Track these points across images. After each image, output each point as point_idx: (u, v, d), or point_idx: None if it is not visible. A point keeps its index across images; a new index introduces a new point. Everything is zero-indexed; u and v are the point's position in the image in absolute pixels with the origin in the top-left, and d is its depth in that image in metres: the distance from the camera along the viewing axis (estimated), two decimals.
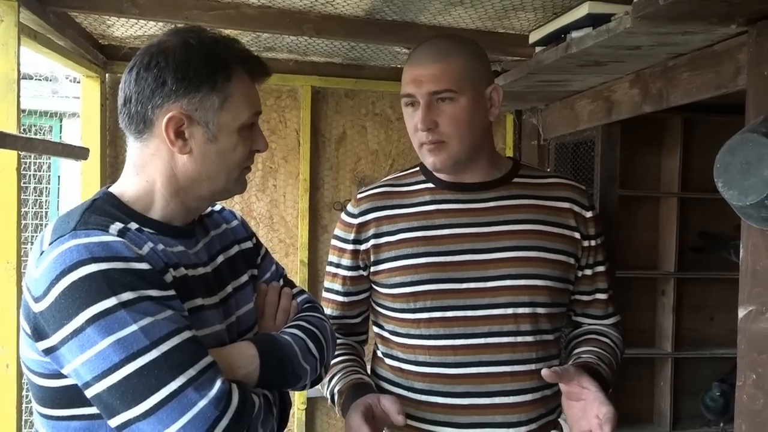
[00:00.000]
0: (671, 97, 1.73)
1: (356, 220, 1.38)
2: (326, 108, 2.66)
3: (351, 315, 1.43)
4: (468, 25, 1.97)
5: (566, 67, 1.83)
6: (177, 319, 0.88)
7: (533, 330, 1.30)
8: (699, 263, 2.86)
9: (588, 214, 1.38)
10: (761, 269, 1.32)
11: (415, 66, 1.28)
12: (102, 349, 0.83)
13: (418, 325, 1.31)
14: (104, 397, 0.84)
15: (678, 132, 2.77)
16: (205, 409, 0.84)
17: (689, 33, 1.43)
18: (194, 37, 0.97)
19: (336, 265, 1.41)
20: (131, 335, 0.83)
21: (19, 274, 1.64)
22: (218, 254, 1.09)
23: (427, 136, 1.27)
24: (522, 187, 1.37)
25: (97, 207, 0.95)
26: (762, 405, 1.31)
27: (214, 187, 1.02)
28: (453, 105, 1.26)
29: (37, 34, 1.77)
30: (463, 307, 1.29)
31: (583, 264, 1.38)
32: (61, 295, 0.84)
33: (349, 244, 1.38)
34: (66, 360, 0.85)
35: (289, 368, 1.02)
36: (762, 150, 1.19)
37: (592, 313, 1.42)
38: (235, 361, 0.96)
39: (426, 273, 1.31)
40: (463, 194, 1.35)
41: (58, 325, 0.84)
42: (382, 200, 1.38)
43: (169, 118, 0.94)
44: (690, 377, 2.88)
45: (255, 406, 0.92)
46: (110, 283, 0.84)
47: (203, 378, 0.86)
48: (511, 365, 1.29)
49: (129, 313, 0.84)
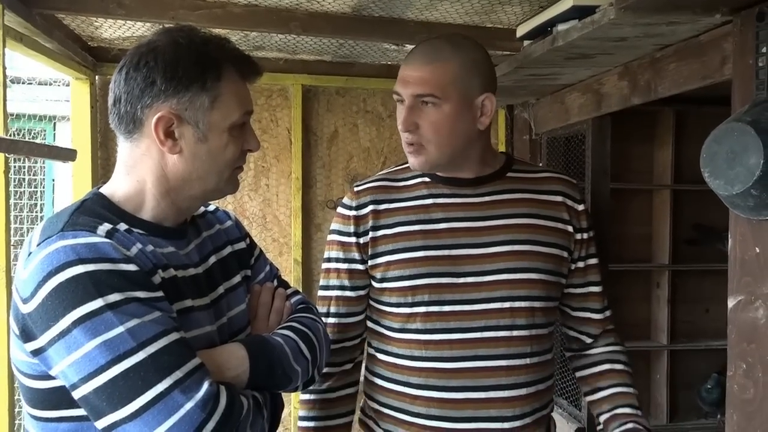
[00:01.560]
0: (659, 88, 1.73)
1: (355, 213, 1.37)
2: (317, 106, 2.66)
3: (356, 312, 1.40)
4: (455, 20, 1.96)
5: (554, 60, 1.82)
6: (164, 320, 0.88)
7: (528, 324, 1.31)
8: (693, 255, 2.86)
9: (580, 207, 1.40)
10: (749, 259, 1.32)
11: (406, 65, 1.29)
12: (88, 351, 0.83)
13: (414, 320, 1.31)
14: (91, 399, 0.84)
15: (670, 124, 2.78)
16: (192, 412, 0.84)
17: (674, 23, 1.43)
18: (184, 37, 0.98)
19: (338, 260, 1.39)
20: (117, 337, 0.83)
21: (9, 277, 1.64)
22: (210, 255, 1.09)
23: (407, 136, 1.28)
24: (516, 182, 1.38)
25: (87, 208, 0.95)
26: (752, 394, 1.31)
27: (205, 187, 1.01)
28: (436, 110, 1.25)
29: (23, 36, 1.77)
30: (460, 301, 1.30)
31: (576, 257, 1.39)
32: (48, 296, 0.84)
33: (351, 236, 1.36)
34: (53, 361, 0.85)
35: (279, 370, 1.02)
36: (747, 139, 1.18)
37: (591, 306, 1.44)
38: (224, 363, 0.96)
39: (424, 267, 1.31)
40: (459, 189, 1.35)
41: (45, 326, 0.85)
42: (379, 193, 1.38)
43: (159, 117, 0.94)
44: (686, 369, 2.88)
45: (243, 408, 0.92)
46: (97, 284, 0.84)
47: (190, 380, 0.86)
48: (506, 359, 1.30)
49: (115, 314, 0.84)
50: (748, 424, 1.32)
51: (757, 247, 1.30)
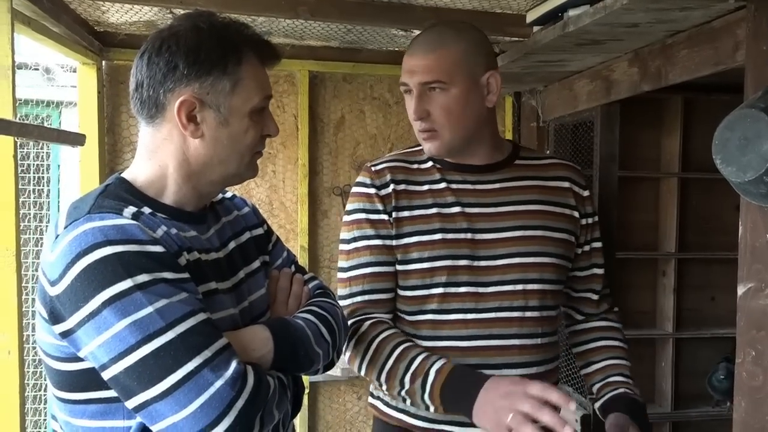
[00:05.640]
0: (670, 75, 1.72)
1: (377, 191, 1.35)
2: (324, 92, 2.65)
3: (390, 288, 1.35)
4: (464, 5, 1.95)
5: (564, 46, 1.81)
6: (192, 301, 0.89)
7: (540, 306, 1.35)
8: (700, 244, 2.85)
9: (585, 193, 1.44)
10: (760, 246, 1.32)
11: (410, 56, 1.31)
12: (118, 331, 0.83)
13: (431, 301, 1.33)
14: (121, 379, 0.85)
15: (678, 111, 2.76)
16: (222, 390, 0.85)
17: (687, 9, 1.42)
18: (205, 22, 0.98)
19: (369, 237, 1.34)
20: (147, 317, 0.84)
21: (19, 261, 1.64)
22: (230, 240, 1.09)
23: (420, 124, 1.31)
24: (524, 169, 1.40)
25: (111, 192, 0.96)
26: (761, 381, 1.31)
27: (226, 171, 1.02)
28: (444, 95, 1.28)
29: (31, 20, 1.76)
30: (475, 283, 1.33)
31: (582, 241, 1.43)
32: (77, 277, 0.84)
33: (381, 214, 1.34)
34: (83, 343, 0.86)
35: (302, 351, 1.03)
36: (760, 125, 1.18)
37: (593, 287, 1.48)
38: (249, 344, 0.96)
39: (443, 249, 1.32)
40: (470, 175, 1.38)
41: (74, 307, 0.85)
42: (397, 173, 1.38)
43: (181, 102, 0.95)
44: (691, 357, 2.89)
45: (270, 387, 0.93)
46: (125, 265, 0.85)
47: (219, 359, 0.86)
48: (519, 339, 1.34)
49: (144, 295, 0.85)
50: (756, 410, 1.33)
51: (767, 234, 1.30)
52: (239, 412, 0.86)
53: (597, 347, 1.47)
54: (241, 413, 0.86)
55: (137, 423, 0.88)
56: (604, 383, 1.42)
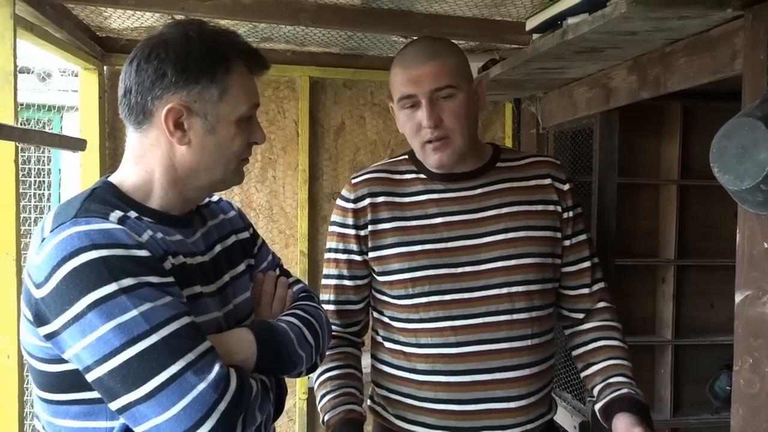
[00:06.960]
0: (668, 83, 1.73)
1: (353, 205, 1.41)
2: (324, 98, 2.66)
3: (354, 300, 1.44)
4: (464, 12, 1.96)
5: (563, 54, 1.82)
6: (176, 305, 0.90)
7: (528, 307, 1.36)
8: (699, 251, 2.85)
9: (565, 187, 1.44)
10: (757, 254, 1.32)
11: (410, 67, 1.32)
12: (103, 334, 0.84)
13: (417, 310, 1.35)
14: (105, 381, 0.85)
15: (677, 119, 2.76)
16: (204, 392, 0.86)
17: (685, 18, 1.43)
18: (195, 30, 0.99)
19: (336, 251, 1.43)
20: (131, 320, 0.85)
21: (19, 265, 1.65)
22: (215, 244, 1.10)
23: (432, 132, 1.31)
24: (504, 171, 1.43)
25: (97, 195, 0.97)
26: (758, 389, 1.32)
27: (212, 177, 1.03)
28: (453, 101, 1.31)
29: (33, 26, 1.77)
30: (459, 290, 1.34)
31: (567, 234, 1.43)
32: (63, 281, 0.85)
33: (350, 228, 1.40)
34: (67, 345, 0.87)
35: (285, 355, 1.04)
36: (757, 134, 1.18)
37: (585, 282, 1.46)
38: (233, 347, 0.97)
39: (423, 259, 1.35)
40: (453, 184, 1.40)
41: (59, 310, 0.86)
42: (376, 185, 1.41)
43: (169, 109, 0.96)
44: (690, 365, 2.88)
45: (253, 390, 0.94)
46: (111, 269, 0.86)
47: (202, 362, 0.87)
48: (509, 342, 1.34)
49: (129, 298, 0.86)
50: (753, 418, 1.33)
51: (765, 242, 1.30)
52: (222, 414, 0.87)
53: (596, 348, 1.45)
54: (223, 416, 0.87)
55: (120, 424, 0.89)
56: (605, 384, 1.40)
